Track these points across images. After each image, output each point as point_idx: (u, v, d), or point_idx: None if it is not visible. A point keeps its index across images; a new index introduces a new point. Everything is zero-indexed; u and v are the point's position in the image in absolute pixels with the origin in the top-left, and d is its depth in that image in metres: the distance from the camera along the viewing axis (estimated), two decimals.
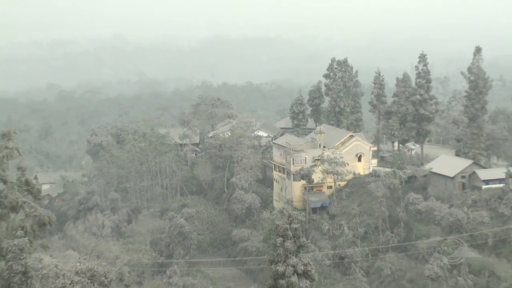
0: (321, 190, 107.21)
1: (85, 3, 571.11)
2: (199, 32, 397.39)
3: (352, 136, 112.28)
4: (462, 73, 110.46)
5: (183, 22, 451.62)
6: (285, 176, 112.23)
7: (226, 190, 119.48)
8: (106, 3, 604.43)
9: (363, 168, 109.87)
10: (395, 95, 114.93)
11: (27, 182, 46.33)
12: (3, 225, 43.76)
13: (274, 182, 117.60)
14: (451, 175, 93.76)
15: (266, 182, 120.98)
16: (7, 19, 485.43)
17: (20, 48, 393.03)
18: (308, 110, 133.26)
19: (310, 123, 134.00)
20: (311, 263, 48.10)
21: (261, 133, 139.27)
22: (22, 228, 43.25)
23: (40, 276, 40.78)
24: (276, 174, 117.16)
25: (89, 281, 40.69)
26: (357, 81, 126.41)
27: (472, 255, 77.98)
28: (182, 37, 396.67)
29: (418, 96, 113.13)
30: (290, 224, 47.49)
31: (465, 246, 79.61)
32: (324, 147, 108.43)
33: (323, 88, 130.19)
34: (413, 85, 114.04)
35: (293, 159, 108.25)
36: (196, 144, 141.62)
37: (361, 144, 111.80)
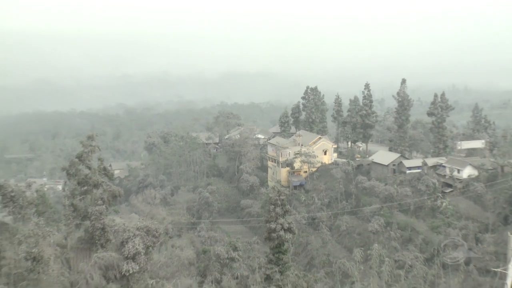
0: (299, 174, 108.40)
1: (139, 47, 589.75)
2: (218, 67, 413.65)
3: (320, 138, 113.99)
4: (393, 96, 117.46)
5: (207, 60, 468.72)
6: (275, 164, 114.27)
7: (236, 173, 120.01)
8: (154, 46, 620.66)
9: (327, 159, 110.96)
10: (348, 110, 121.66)
11: (104, 168, 46.30)
12: (88, 197, 43.49)
13: (268, 169, 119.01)
14: (386, 164, 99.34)
15: (263, 168, 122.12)
16: (89, 59, 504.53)
17: (100, 79, 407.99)
18: (291, 121, 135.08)
19: (292, 129, 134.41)
20: (293, 222, 49.31)
21: (259, 136, 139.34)
22: (101, 199, 43.29)
23: (113, 230, 41.20)
24: (269, 163, 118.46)
25: (145, 234, 39.67)
26: (323, 101, 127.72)
27: (399, 217, 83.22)
28: (207, 70, 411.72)
29: (364, 111, 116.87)
30: (279, 196, 48.82)
31: (395, 211, 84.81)
32: (301, 145, 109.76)
33: (301, 106, 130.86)
34: (361, 104, 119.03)
35: (281, 153, 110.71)
36: (217, 143, 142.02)
37: (326, 143, 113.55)
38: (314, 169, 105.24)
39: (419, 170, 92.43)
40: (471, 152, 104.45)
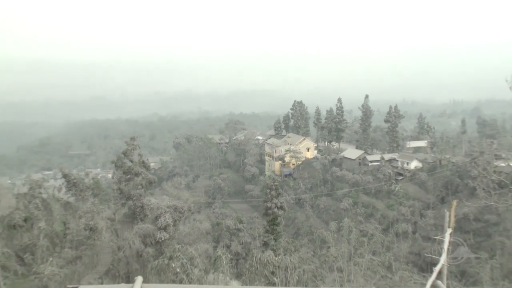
0: (289, 166, 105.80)
1: (168, 71, 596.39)
2: (227, 86, 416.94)
3: (304, 139, 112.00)
4: (359, 107, 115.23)
5: (220, 81, 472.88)
6: (271, 159, 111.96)
7: (241, 165, 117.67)
8: (179, 71, 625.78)
9: (310, 155, 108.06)
10: (326, 118, 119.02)
11: (143, 162, 45.30)
12: (131, 183, 42.44)
13: (266, 162, 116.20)
14: (353, 158, 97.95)
15: (261, 162, 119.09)
16: (132, 80, 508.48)
17: (140, 95, 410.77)
18: (283, 126, 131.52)
19: (284, 132, 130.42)
20: (284, 202, 49.30)
21: (259, 137, 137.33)
22: (140, 184, 42.36)
23: (149, 208, 40.49)
24: (266, 158, 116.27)
25: (173, 210, 39.10)
26: (307, 111, 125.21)
27: (363, 198, 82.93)
28: (219, 88, 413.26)
29: (337, 119, 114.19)
30: (273, 182, 49.57)
31: (360, 193, 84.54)
32: (290, 144, 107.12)
33: (290, 115, 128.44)
34: (335, 113, 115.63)
35: (275, 150, 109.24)
36: (227, 143, 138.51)
37: (308, 143, 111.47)
38: (300, 162, 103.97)
39: (378, 163, 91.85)
40: (417, 149, 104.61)
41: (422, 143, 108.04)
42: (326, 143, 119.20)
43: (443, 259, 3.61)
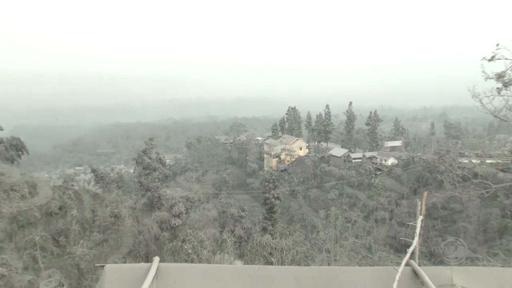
0: (284, 162, 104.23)
1: (181, 82, 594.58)
2: (231, 94, 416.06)
3: (297, 139, 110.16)
4: (344, 113, 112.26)
5: (224, 90, 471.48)
6: (269, 156, 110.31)
7: (244, 162, 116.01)
8: (191, 81, 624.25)
9: (302, 153, 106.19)
10: (315, 122, 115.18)
11: (159, 159, 44.70)
12: (149, 177, 41.70)
13: (264, 159, 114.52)
14: (339, 156, 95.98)
15: (261, 159, 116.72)
16: (151, 89, 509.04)
17: (157, 102, 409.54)
18: (279, 128, 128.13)
19: (280, 134, 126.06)
20: (279, 193, 48.94)
21: (258, 138, 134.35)
22: (158, 178, 41.63)
23: (165, 198, 39.81)
24: (265, 156, 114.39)
25: (185, 200, 38.37)
26: (299, 116, 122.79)
27: (348, 190, 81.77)
28: (225, 96, 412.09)
29: (325, 122, 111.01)
30: (271, 176, 49.15)
31: (345, 186, 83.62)
32: (285, 144, 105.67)
33: (285, 119, 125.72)
34: (323, 117, 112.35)
35: (272, 149, 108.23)
36: (231, 143, 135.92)
37: (301, 142, 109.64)
38: (293, 159, 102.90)
39: (360, 160, 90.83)
40: (393, 148, 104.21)
41: (397, 143, 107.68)
42: (316, 143, 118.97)
43: (415, 241, 3.61)
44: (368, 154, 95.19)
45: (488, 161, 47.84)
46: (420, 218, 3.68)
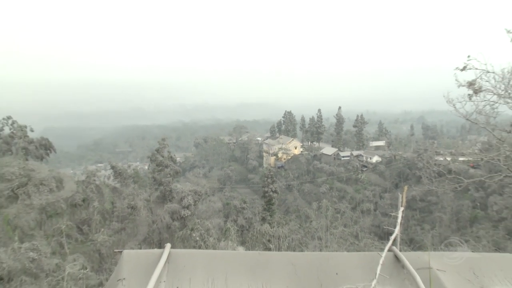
0: (281, 160, 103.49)
1: (189, 89, 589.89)
2: (234, 101, 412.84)
3: (293, 139, 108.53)
4: (334, 116, 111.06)
5: (228, 96, 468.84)
6: (268, 154, 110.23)
7: (245, 160, 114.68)
8: (199, 87, 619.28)
9: (297, 151, 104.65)
10: (309, 124, 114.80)
11: (171, 157, 44.29)
12: (162, 173, 41.00)
13: (263, 157, 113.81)
14: (330, 154, 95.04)
15: (260, 157, 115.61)
16: (163, 95, 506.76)
17: (169, 106, 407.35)
18: (277, 130, 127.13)
19: (277, 135, 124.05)
20: (277, 187, 48.66)
21: (258, 138, 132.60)
22: (169, 174, 40.99)
23: (176, 192, 39.21)
24: (264, 154, 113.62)
25: (194, 193, 37.73)
26: (294, 119, 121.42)
27: (337, 184, 80.00)
28: (229, 101, 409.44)
29: (317, 125, 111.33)
30: (269, 172, 49.27)
31: (335, 181, 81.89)
32: (282, 144, 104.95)
33: (282, 122, 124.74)
34: (316, 120, 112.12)
35: (270, 148, 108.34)
36: (234, 142, 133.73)
37: (296, 142, 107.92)
38: (289, 157, 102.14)
39: (348, 158, 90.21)
40: (377, 148, 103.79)
41: (381, 143, 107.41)
42: (309, 142, 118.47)
43: (397, 230, 3.60)
44: (355, 153, 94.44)
45: (460, 158, 48.65)
46: (401, 209, 3.67)
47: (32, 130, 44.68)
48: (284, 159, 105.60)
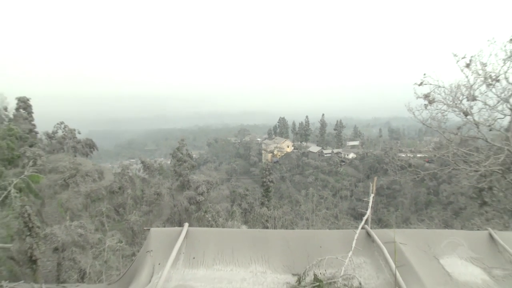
0: (276, 156, 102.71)
1: (203, 99, 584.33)
2: (239, 110, 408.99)
3: (286, 140, 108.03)
4: (319, 121, 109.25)
5: (234, 106, 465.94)
6: (266, 152, 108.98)
7: (248, 156, 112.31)
8: (209, 98, 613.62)
9: (289, 150, 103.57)
10: (298, 127, 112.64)
11: (188, 154, 44.27)
12: (181, 167, 41.26)
13: (262, 154, 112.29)
14: (315, 151, 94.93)
15: (260, 154, 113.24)
16: (182, 104, 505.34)
17: (186, 113, 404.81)
18: (273, 132, 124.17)
19: (273, 136, 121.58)
20: (273, 178, 47.33)
21: (258, 139, 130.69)
22: (187, 167, 41.64)
23: (192, 181, 40.12)
24: (263, 152, 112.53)
25: (207, 183, 38.44)
26: (287, 123, 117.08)
27: (321, 176, 74.21)
28: (235, 110, 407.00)
29: (305, 128, 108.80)
30: (267, 166, 48.91)
31: (319, 173, 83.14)
32: (277, 143, 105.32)
33: (277, 126, 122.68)
34: (304, 124, 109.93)
35: (267, 147, 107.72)
36: (239, 143, 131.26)
37: (288, 142, 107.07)
38: (283, 154, 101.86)
39: (330, 155, 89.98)
40: (353, 147, 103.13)
41: (356, 143, 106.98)
42: (299, 142, 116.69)
43: (368, 212, 3.61)
44: (335, 151, 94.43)
45: (418, 155, 47.62)
46: (372, 195, 3.68)
47: (79, 133, 44.31)
48: (279, 155, 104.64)
